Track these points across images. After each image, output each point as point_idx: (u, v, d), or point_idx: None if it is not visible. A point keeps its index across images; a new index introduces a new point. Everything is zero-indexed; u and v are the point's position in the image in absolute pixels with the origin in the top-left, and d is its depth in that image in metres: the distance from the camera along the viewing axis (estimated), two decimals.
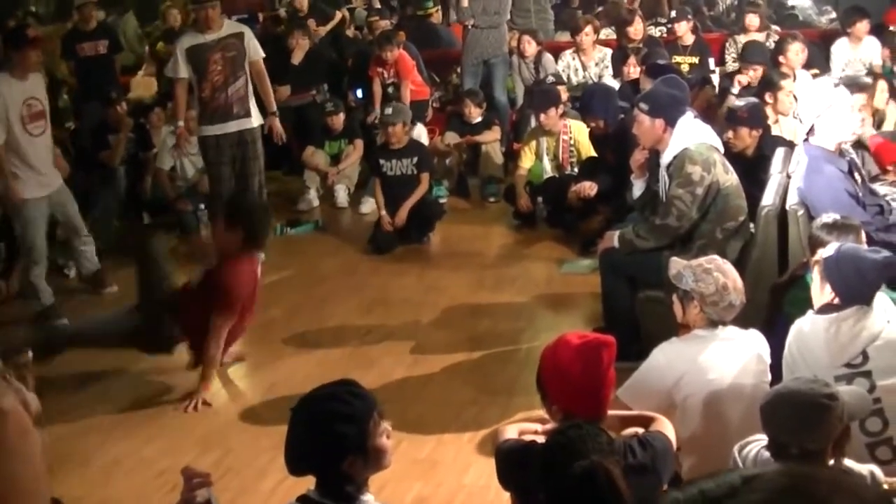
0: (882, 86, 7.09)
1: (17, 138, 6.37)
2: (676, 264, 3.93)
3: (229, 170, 7.24)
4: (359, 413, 2.69)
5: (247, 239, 5.34)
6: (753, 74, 7.94)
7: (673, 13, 10.12)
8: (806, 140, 5.31)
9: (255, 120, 7.27)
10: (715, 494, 0.92)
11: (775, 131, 6.70)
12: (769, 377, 3.80)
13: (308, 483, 2.77)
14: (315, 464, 2.70)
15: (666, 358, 3.82)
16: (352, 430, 2.65)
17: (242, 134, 7.19)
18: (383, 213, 7.75)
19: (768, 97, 6.89)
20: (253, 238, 5.36)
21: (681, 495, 0.94)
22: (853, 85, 5.84)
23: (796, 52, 7.93)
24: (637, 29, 9.36)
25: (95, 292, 7.03)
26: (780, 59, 7.95)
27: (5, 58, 6.59)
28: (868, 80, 7.05)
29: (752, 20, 9.49)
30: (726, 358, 3.77)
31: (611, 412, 3.28)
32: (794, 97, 6.98)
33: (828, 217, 4.23)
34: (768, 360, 3.84)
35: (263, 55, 7.38)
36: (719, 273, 3.81)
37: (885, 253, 3.72)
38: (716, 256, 4.01)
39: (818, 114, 4.98)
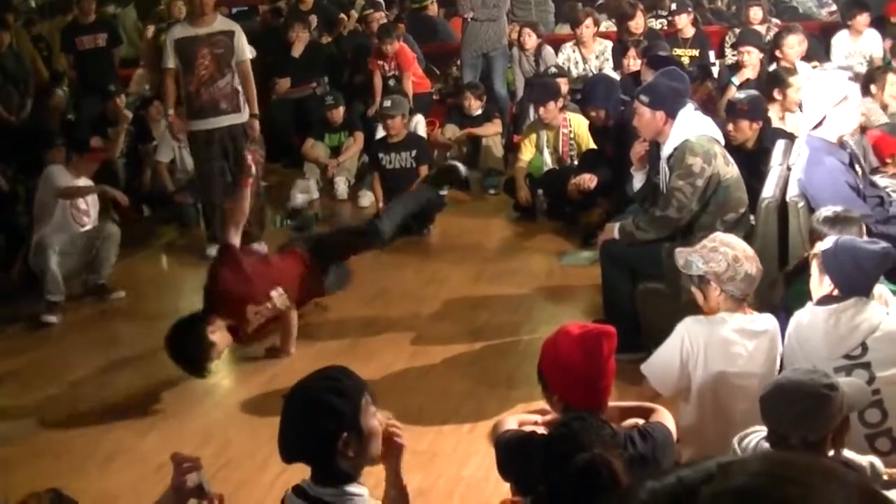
0: (892, 78, 7.10)
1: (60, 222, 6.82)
2: (682, 253, 3.88)
3: (220, 165, 7.28)
4: (350, 390, 2.70)
5: None
6: (748, 58, 7.94)
7: (673, 6, 10.10)
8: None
9: (245, 115, 7.29)
10: (691, 481, 0.91)
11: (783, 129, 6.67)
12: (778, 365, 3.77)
13: (306, 475, 2.76)
14: (310, 444, 2.68)
15: (686, 336, 3.74)
16: (345, 405, 2.65)
17: (233, 129, 7.21)
18: (381, 205, 7.74)
19: (777, 94, 6.87)
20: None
21: (658, 484, 0.93)
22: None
23: (792, 46, 7.91)
24: (638, 22, 9.35)
25: (102, 299, 6.94)
26: (777, 52, 7.95)
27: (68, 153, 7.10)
28: (861, 69, 7.06)
29: (755, 13, 9.49)
30: (738, 346, 3.72)
31: (611, 403, 3.28)
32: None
33: (828, 211, 4.20)
34: (780, 348, 3.80)
35: (251, 56, 7.40)
36: (726, 247, 3.74)
37: (883, 244, 3.71)
38: (718, 233, 3.97)
39: (832, 105, 4.91)
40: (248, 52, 7.33)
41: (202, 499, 2.58)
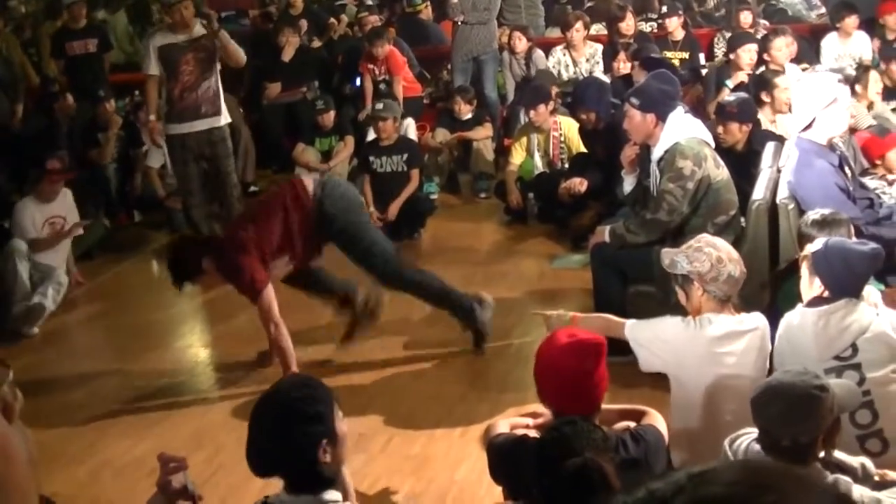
0: (874, 76, 7.10)
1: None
2: (668, 254, 3.88)
3: (195, 168, 7.30)
4: (323, 395, 2.69)
5: None
6: (753, 56, 7.95)
7: (663, 9, 10.12)
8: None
9: (224, 118, 7.29)
10: (662, 493, 0.91)
11: (775, 131, 6.67)
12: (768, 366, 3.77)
13: None
14: (291, 453, 2.62)
15: (679, 335, 3.74)
16: (323, 410, 2.64)
17: (212, 132, 7.21)
18: (372, 209, 7.74)
19: (765, 96, 6.88)
20: None
21: (629, 498, 0.93)
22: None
23: (780, 48, 7.93)
24: (628, 24, 9.37)
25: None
26: (765, 55, 7.96)
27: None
28: (851, 72, 7.07)
29: (745, 16, 9.52)
30: (727, 346, 3.73)
31: (603, 406, 3.28)
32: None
33: (815, 214, 4.20)
34: (769, 347, 3.80)
35: (242, 58, 7.42)
36: (710, 248, 3.74)
37: (873, 245, 3.71)
38: (704, 234, 3.97)
39: (821, 108, 4.91)
40: (227, 38, 7.29)
41: (186, 500, 2.57)
